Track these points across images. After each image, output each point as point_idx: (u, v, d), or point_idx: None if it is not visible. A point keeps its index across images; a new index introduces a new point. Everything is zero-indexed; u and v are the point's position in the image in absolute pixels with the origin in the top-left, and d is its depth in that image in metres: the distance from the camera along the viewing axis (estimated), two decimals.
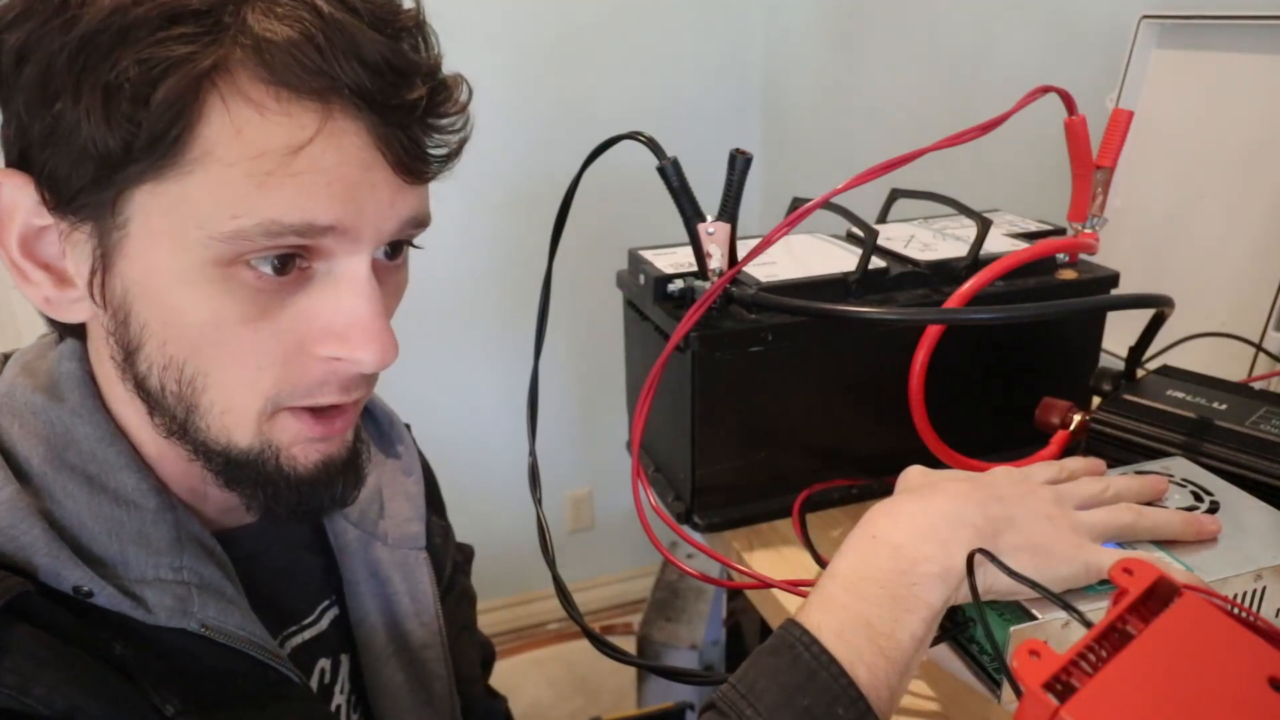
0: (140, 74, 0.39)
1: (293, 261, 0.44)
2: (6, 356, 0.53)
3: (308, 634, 0.59)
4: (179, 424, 0.47)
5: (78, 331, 0.50)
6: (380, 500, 0.64)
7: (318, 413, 0.48)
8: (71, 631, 0.43)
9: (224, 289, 0.43)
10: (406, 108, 0.44)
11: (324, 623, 0.60)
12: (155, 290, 0.44)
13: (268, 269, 0.43)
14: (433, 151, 0.47)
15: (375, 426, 0.68)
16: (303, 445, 0.48)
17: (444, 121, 0.47)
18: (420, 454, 0.71)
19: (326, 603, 0.61)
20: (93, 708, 0.42)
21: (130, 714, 0.44)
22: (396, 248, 0.50)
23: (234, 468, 0.48)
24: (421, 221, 0.49)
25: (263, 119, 0.41)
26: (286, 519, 0.53)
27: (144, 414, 0.48)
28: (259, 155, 0.41)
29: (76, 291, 0.46)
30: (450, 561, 0.70)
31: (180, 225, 0.42)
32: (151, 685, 0.45)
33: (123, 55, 0.39)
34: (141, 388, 0.47)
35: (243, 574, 0.52)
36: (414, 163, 0.46)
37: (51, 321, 0.50)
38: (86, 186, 0.42)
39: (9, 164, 0.45)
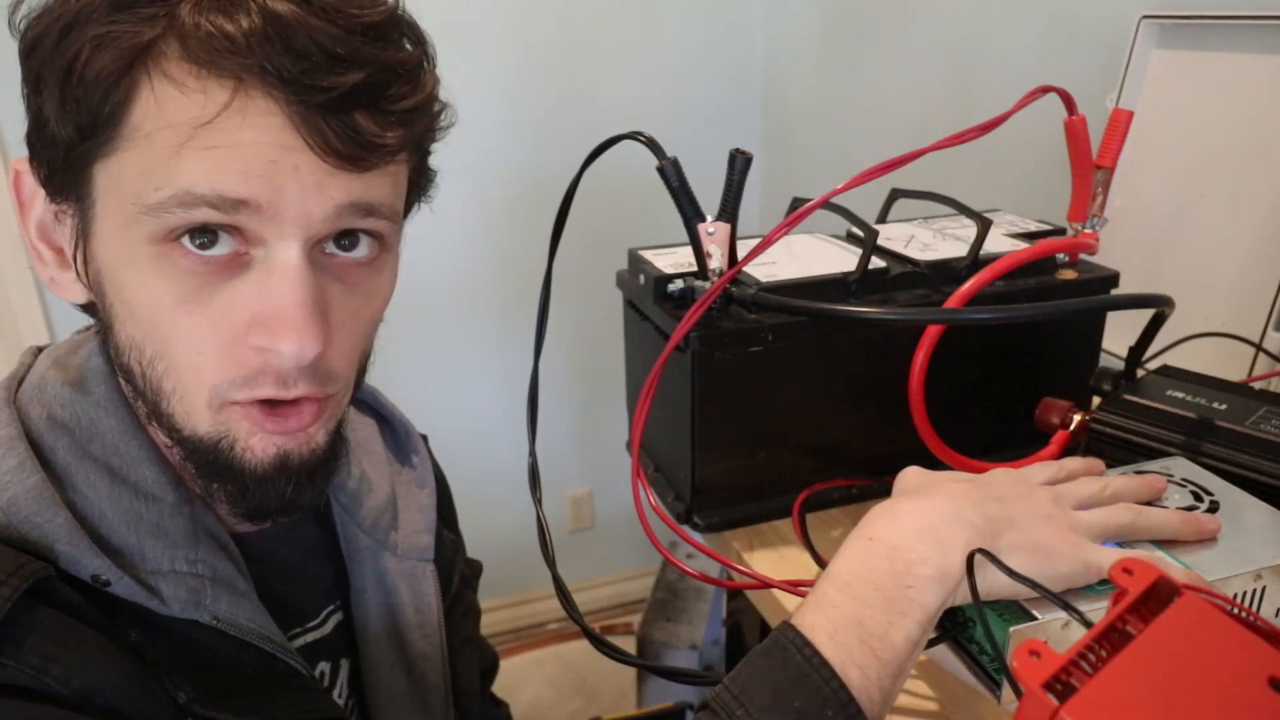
0: (87, 54, 0.42)
1: (218, 240, 0.44)
2: (39, 350, 0.54)
3: (311, 636, 0.59)
4: (152, 407, 0.48)
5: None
6: (394, 510, 0.64)
7: (270, 408, 0.47)
8: (90, 616, 0.44)
9: (159, 269, 0.44)
10: (335, 92, 0.43)
11: (328, 626, 0.61)
12: (112, 269, 0.46)
13: (195, 248, 0.44)
14: (376, 140, 0.45)
15: (392, 436, 0.68)
16: (260, 437, 0.48)
17: (390, 109, 0.45)
18: (436, 466, 0.71)
19: (332, 607, 0.61)
20: (109, 689, 0.43)
21: (145, 697, 0.44)
22: (352, 239, 0.48)
23: (200, 455, 0.48)
24: (372, 210, 0.47)
25: (182, 95, 0.42)
26: (248, 517, 0.52)
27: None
28: (172, 126, 0.42)
29: (73, 273, 0.49)
30: (458, 575, 0.70)
31: (120, 201, 0.44)
32: (165, 672, 0.46)
33: (79, 38, 0.42)
34: (123, 369, 0.48)
35: (253, 574, 0.53)
36: (347, 148, 0.44)
37: (82, 308, 0.53)
38: (60, 167, 0.45)
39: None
